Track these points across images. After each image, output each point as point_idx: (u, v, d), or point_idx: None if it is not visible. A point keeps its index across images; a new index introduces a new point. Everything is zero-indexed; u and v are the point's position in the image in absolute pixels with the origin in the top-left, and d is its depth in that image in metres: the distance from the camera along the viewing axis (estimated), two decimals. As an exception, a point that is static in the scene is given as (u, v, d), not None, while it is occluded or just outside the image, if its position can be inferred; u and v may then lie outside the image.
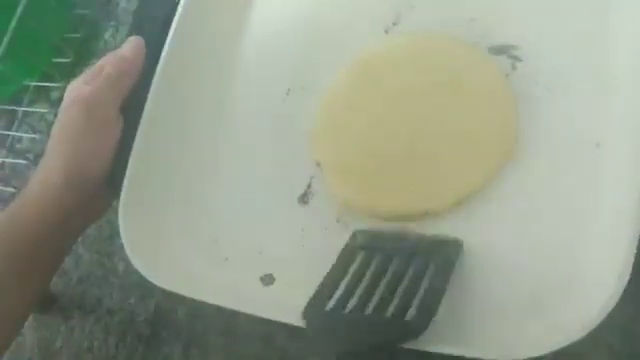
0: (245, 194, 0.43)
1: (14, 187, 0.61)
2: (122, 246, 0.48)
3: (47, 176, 0.43)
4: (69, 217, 0.43)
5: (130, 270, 0.51)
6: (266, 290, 0.39)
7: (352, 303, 0.34)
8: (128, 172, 0.42)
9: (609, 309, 0.29)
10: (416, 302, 0.32)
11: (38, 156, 0.63)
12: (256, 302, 0.37)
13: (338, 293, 0.34)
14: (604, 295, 0.29)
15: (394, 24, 0.44)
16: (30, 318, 0.53)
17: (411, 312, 0.32)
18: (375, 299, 0.33)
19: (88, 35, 0.64)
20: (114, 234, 0.55)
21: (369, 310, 0.33)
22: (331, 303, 0.34)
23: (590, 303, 0.30)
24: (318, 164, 0.41)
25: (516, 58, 0.39)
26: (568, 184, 0.35)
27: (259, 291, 0.39)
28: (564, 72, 0.38)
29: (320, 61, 0.45)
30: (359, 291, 0.34)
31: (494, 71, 0.39)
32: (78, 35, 0.64)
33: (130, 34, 0.48)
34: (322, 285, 0.35)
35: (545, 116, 0.37)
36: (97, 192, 0.44)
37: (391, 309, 0.32)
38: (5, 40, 0.56)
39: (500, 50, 0.40)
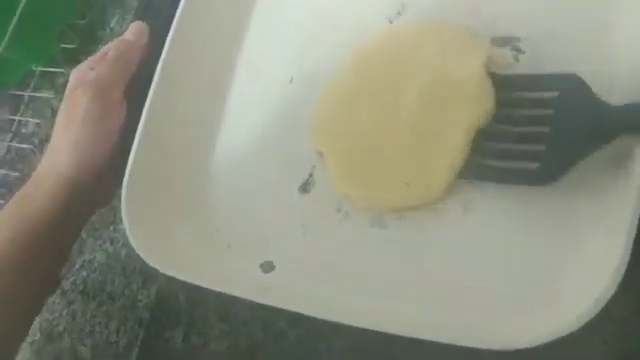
0: (247, 182, 0.44)
1: (19, 171, 0.62)
2: (125, 232, 0.49)
3: (53, 162, 0.44)
4: (76, 203, 0.44)
5: (132, 256, 0.52)
6: (266, 277, 0.39)
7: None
8: (131, 158, 0.43)
9: (604, 302, 0.29)
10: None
11: (43, 141, 0.63)
12: (256, 289, 0.38)
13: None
14: (599, 288, 0.29)
15: (398, 14, 0.44)
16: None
17: None
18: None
19: (94, 21, 0.65)
20: (117, 220, 0.56)
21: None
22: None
23: (585, 295, 0.30)
24: (320, 153, 0.42)
25: (519, 50, 0.39)
26: (567, 177, 0.35)
27: (259, 278, 0.39)
28: (567, 65, 0.37)
29: (323, 50, 0.45)
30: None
31: (496, 63, 0.39)
32: (84, 21, 0.64)
33: (135, 19, 0.48)
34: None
35: (547, 108, 0.37)
36: (104, 177, 0.44)
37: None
38: (12, 25, 0.56)
39: (503, 42, 0.40)
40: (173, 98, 0.45)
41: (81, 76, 0.44)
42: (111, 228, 0.56)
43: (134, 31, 0.46)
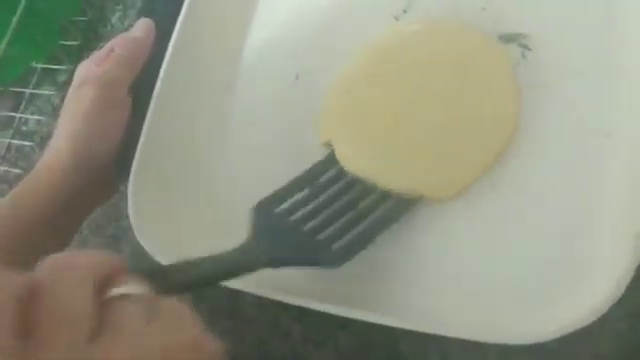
0: (254, 178, 0.44)
1: (21, 168, 0.61)
2: (128, 229, 0.48)
3: (55, 157, 0.43)
4: (75, 199, 0.43)
5: (136, 253, 0.51)
6: (273, 272, 0.39)
7: (298, 215, 0.37)
8: (137, 154, 0.42)
9: (619, 295, 0.29)
10: (348, 237, 0.36)
11: (44, 138, 0.62)
12: (263, 284, 0.37)
13: (292, 201, 0.38)
14: (613, 281, 0.29)
15: (404, 11, 0.44)
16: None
17: (339, 243, 0.36)
18: (320, 218, 0.37)
19: (95, 18, 0.64)
20: (120, 217, 0.55)
21: (307, 227, 0.36)
22: (282, 207, 0.37)
23: (599, 288, 0.30)
24: (328, 145, 0.41)
25: (526, 47, 0.40)
26: (577, 173, 0.35)
27: (266, 273, 0.39)
28: (574, 61, 0.38)
29: (329, 47, 0.45)
30: (310, 205, 0.37)
31: (501, 59, 0.40)
32: (86, 18, 0.64)
33: (140, 17, 0.48)
34: (283, 188, 0.38)
35: (555, 105, 0.37)
36: (104, 174, 0.44)
37: (324, 234, 0.36)
38: (14, 21, 0.56)
39: (510, 38, 0.40)
40: (179, 96, 0.45)
41: (87, 72, 0.43)
42: (114, 225, 0.56)
43: (142, 28, 0.46)
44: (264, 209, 0.37)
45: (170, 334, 0.23)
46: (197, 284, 0.31)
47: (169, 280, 0.28)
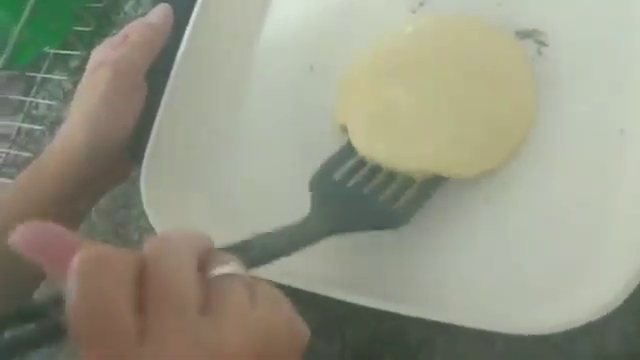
0: (268, 167, 0.44)
1: (30, 152, 0.61)
2: (137, 216, 0.48)
3: (69, 141, 0.43)
4: (87, 183, 0.43)
5: (145, 240, 0.52)
6: (284, 260, 0.39)
7: (355, 180, 0.38)
8: (151, 142, 0.42)
9: (627, 294, 0.29)
10: (405, 197, 0.36)
11: (54, 123, 0.63)
12: (273, 270, 0.37)
13: (345, 168, 0.38)
14: (623, 278, 0.30)
15: (421, 4, 0.44)
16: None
17: (399, 204, 0.36)
18: (374, 182, 0.37)
19: (109, 5, 0.64)
20: (129, 204, 0.55)
21: (367, 190, 0.37)
22: (338, 175, 0.38)
23: (608, 285, 0.30)
24: (343, 127, 0.41)
25: (542, 43, 0.40)
26: (591, 169, 0.35)
27: (279, 262, 0.39)
28: (589, 57, 0.38)
29: (344, 39, 0.45)
30: (363, 171, 0.38)
31: (519, 55, 0.40)
32: (100, 5, 0.64)
33: (154, 4, 0.48)
34: (333, 157, 0.39)
35: (570, 101, 0.37)
36: (116, 159, 0.44)
37: (384, 196, 0.36)
38: (28, 6, 0.56)
39: (526, 34, 0.40)
40: (193, 84, 0.45)
41: (104, 56, 0.43)
42: (123, 211, 0.56)
43: (160, 15, 0.45)
44: (321, 181, 0.38)
45: (271, 314, 0.24)
46: (272, 258, 0.32)
47: (248, 256, 0.28)
